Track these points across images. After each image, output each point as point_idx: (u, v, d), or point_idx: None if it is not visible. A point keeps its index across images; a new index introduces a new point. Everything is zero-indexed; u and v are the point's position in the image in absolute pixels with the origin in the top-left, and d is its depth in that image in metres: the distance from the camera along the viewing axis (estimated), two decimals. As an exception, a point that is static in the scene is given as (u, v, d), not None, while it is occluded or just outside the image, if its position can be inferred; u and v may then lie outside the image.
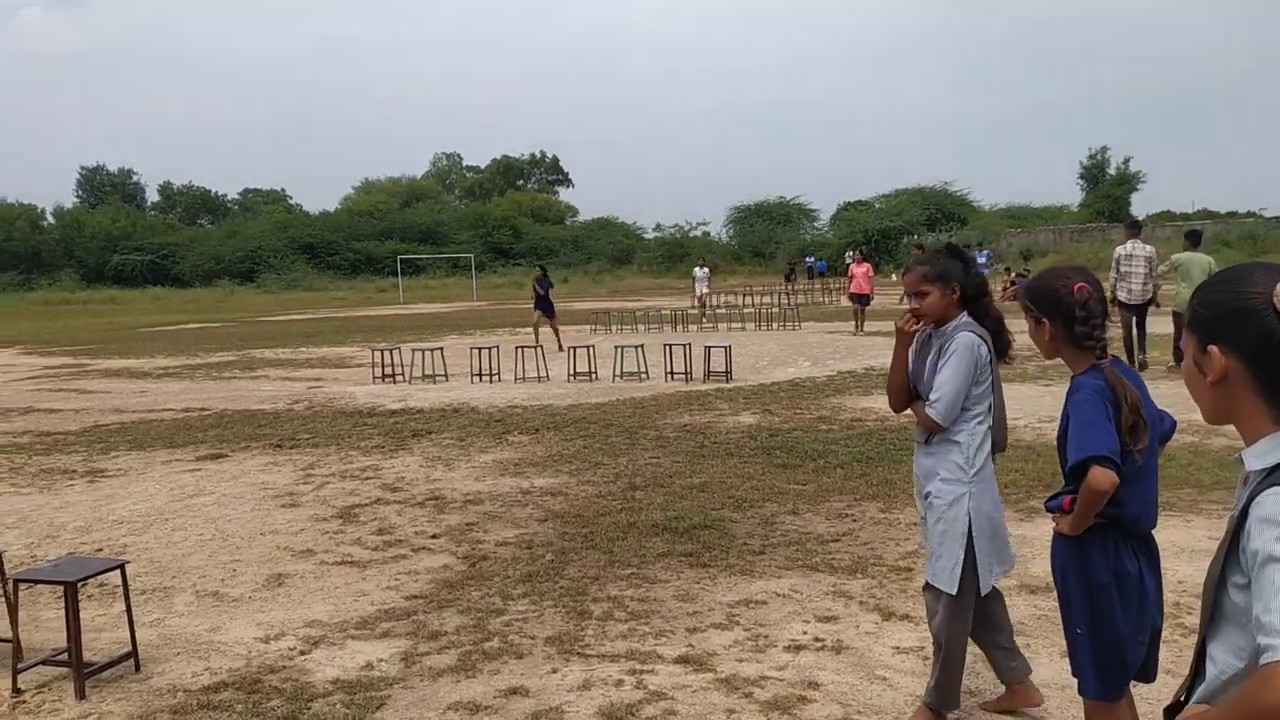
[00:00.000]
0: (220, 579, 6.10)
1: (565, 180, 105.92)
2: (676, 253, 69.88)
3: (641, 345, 16.33)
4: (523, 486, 8.27)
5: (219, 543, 6.92)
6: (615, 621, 5.11)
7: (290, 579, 6.05)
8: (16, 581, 4.71)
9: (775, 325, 25.54)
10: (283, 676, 4.57)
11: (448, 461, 9.43)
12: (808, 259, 57.10)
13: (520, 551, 6.41)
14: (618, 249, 73.02)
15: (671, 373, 15.28)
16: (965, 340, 3.73)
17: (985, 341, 3.76)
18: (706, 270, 31.08)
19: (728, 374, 14.87)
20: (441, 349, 17.52)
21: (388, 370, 16.36)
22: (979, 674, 4.24)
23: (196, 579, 6.12)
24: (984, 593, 3.81)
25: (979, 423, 3.76)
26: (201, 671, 4.68)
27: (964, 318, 3.81)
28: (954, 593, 3.71)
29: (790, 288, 42.94)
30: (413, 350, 17.54)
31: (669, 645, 4.78)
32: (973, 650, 3.95)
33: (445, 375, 16.33)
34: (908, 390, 3.94)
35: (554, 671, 4.52)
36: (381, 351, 16.93)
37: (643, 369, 15.54)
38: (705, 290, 30.01)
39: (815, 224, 76.52)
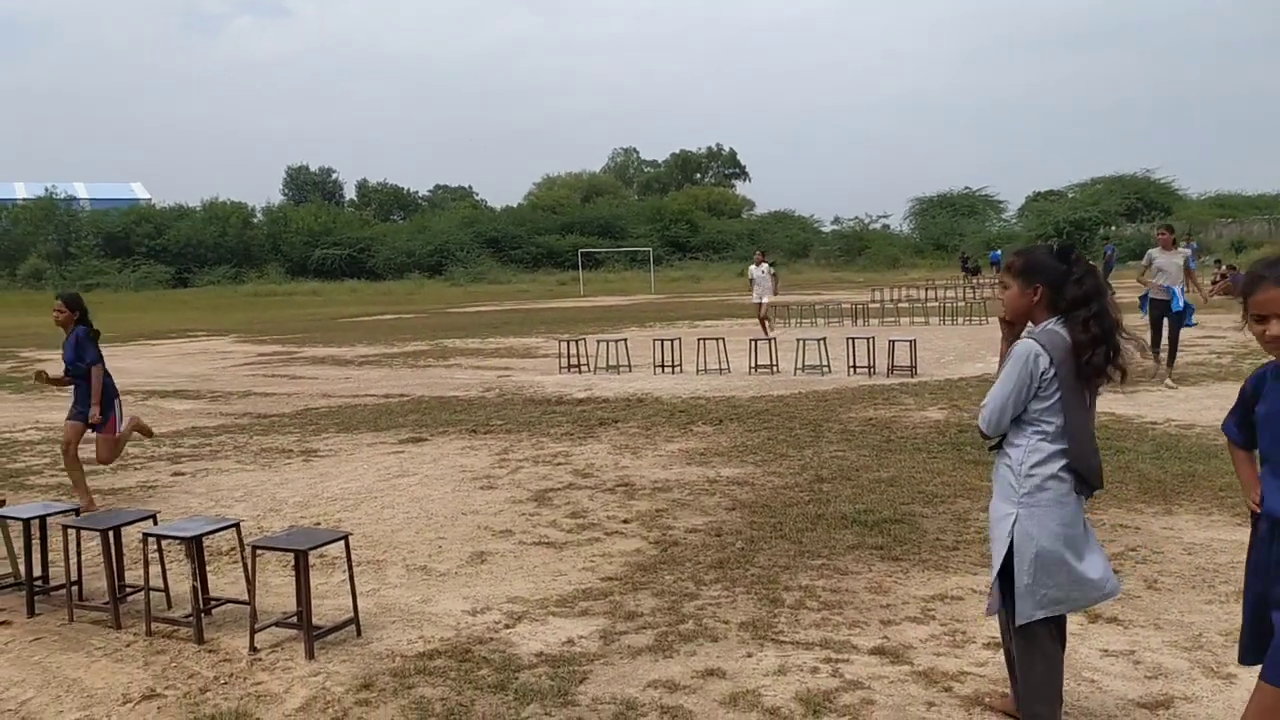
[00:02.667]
0: (428, 554, 6.45)
1: (742, 174, 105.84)
2: (855, 246, 68.76)
3: (823, 338, 16.19)
4: (709, 476, 8.38)
5: (424, 521, 7.31)
6: (808, 610, 5.14)
7: (492, 557, 6.34)
8: (254, 549, 5.12)
9: (960, 320, 24.83)
10: (490, 648, 4.81)
11: (635, 450, 9.64)
12: (992, 253, 55.10)
13: (710, 538, 6.51)
14: (794, 242, 72.40)
15: (854, 366, 15.10)
16: (1021, 348, 3.51)
17: (1048, 353, 3.46)
18: (768, 269, 20.91)
19: (912, 368, 14.58)
20: (625, 340, 17.85)
21: (573, 360, 16.81)
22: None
23: (406, 553, 6.48)
24: (1020, 623, 3.56)
25: (1041, 440, 3.51)
26: (416, 639, 4.97)
27: (1050, 323, 3.55)
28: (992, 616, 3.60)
29: (973, 281, 41.63)
30: (597, 341, 17.96)
31: (863, 636, 4.77)
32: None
33: (629, 366, 16.64)
34: None
35: (749, 656, 4.59)
36: (567, 342, 17.40)
37: (825, 362, 15.42)
38: (766, 299, 20.72)
39: (1002, 216, 73.84)
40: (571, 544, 6.55)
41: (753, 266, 21.20)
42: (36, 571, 5.74)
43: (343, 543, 5.25)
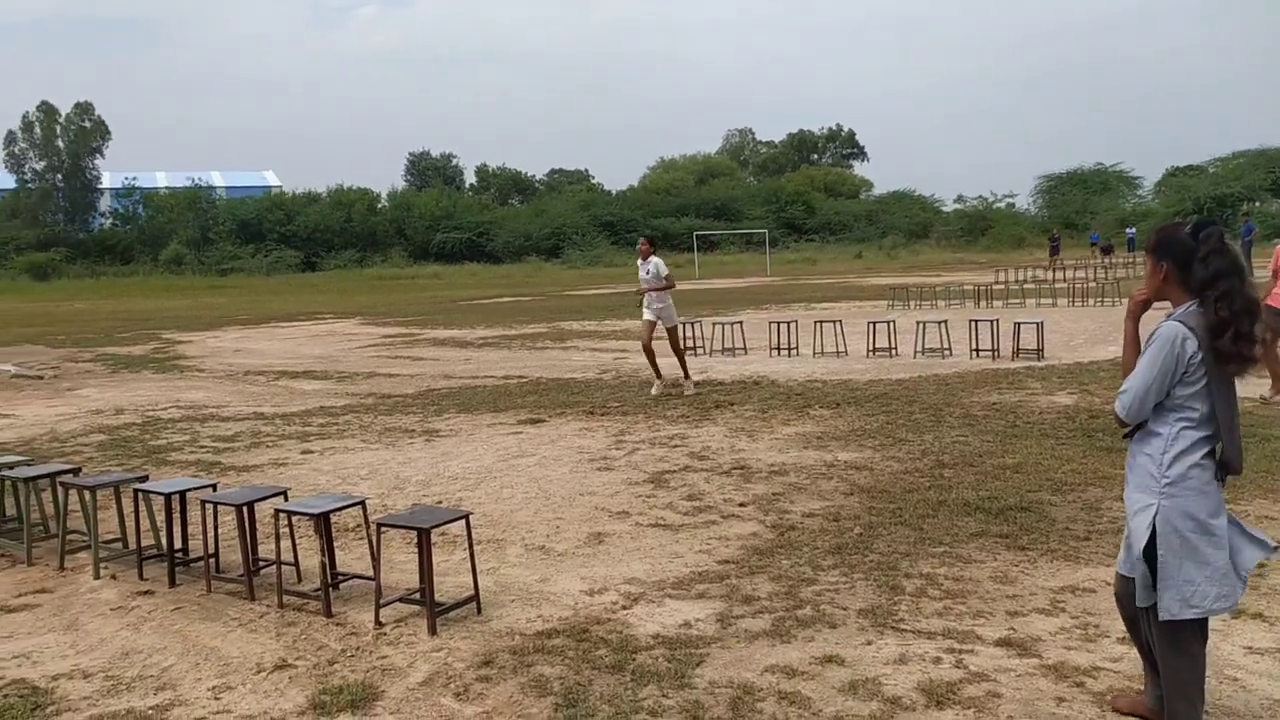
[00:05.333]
0: (546, 534, 6.52)
1: (860, 154, 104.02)
2: (978, 226, 66.92)
3: (944, 321, 15.79)
4: (826, 460, 8.26)
5: (542, 501, 7.40)
6: (929, 599, 5.01)
7: (609, 538, 6.38)
8: (379, 526, 5.26)
9: (1091, 301, 23.93)
10: (608, 628, 4.84)
11: (751, 433, 9.57)
12: (1128, 230, 52.87)
13: (827, 523, 6.42)
14: (914, 223, 70.86)
15: (977, 349, 14.69)
16: (1165, 331, 3.33)
17: (1196, 336, 3.28)
18: (656, 265, 12.43)
19: (1039, 351, 14.10)
20: (740, 323, 17.74)
21: (688, 343, 16.78)
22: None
23: (524, 533, 6.57)
24: (1163, 618, 3.38)
25: (1185, 427, 3.33)
26: (535, 618, 5.04)
27: (1190, 306, 3.35)
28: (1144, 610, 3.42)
29: (1105, 260, 40.10)
30: (712, 324, 17.89)
31: (989, 627, 4.63)
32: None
33: (744, 349, 16.54)
34: None
35: (868, 643, 4.51)
36: (682, 325, 17.36)
37: (946, 345, 15.04)
38: (653, 310, 12.56)
39: (1138, 192, 70.82)
40: (688, 526, 6.54)
41: (639, 262, 12.67)
42: (177, 544, 6.01)
43: (464, 522, 5.35)
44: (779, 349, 16.01)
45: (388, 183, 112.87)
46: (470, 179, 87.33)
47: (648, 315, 12.58)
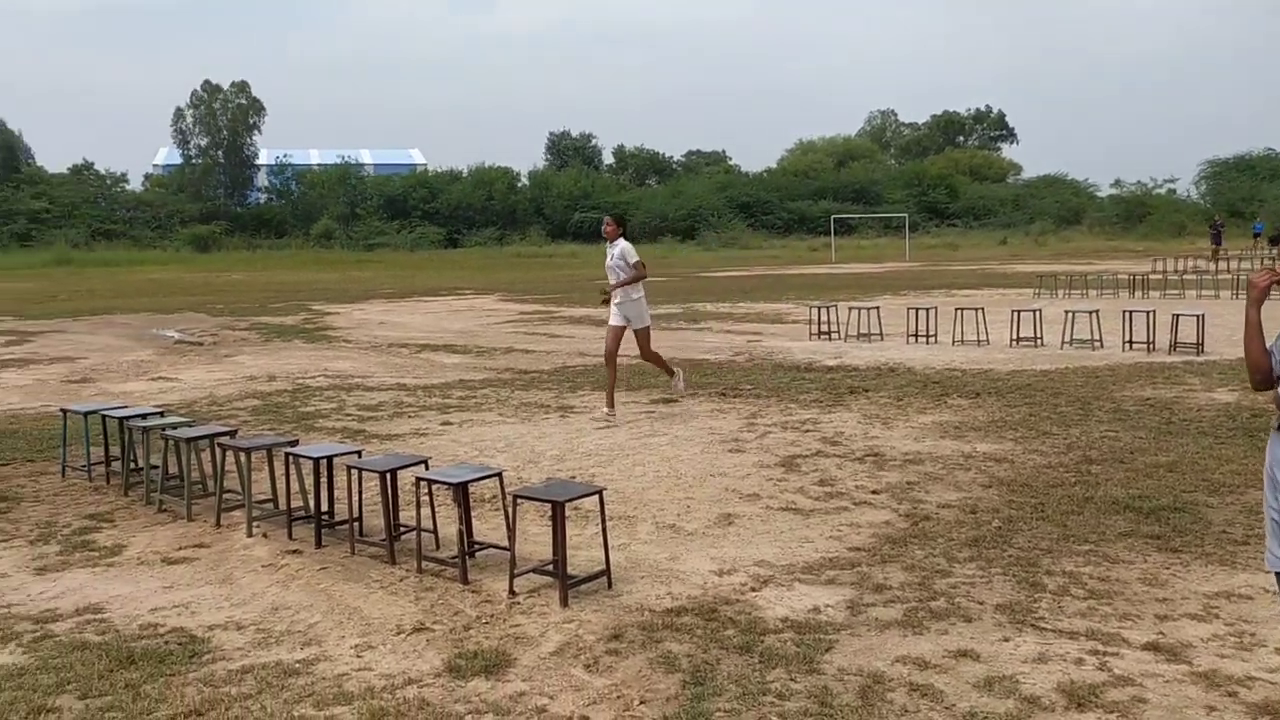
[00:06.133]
0: (676, 513, 6.55)
1: (1009, 136, 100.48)
2: (1136, 212, 63.91)
3: (1095, 311, 15.16)
4: (964, 450, 8.05)
5: (673, 480, 7.43)
6: (1072, 598, 4.84)
7: (739, 519, 6.36)
8: (516, 498, 5.37)
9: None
10: (736, 609, 4.83)
11: (885, 420, 9.40)
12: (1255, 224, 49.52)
13: (964, 515, 6.26)
14: (1065, 209, 68.13)
15: (1130, 341, 14.06)
16: None
17: None
18: (623, 249, 10.25)
19: (1199, 346, 13.41)
20: (878, 308, 17.41)
21: (823, 327, 16.57)
22: None
23: (655, 511, 6.61)
24: None
25: None
26: (664, 595, 5.07)
27: None
28: None
29: (1273, 251, 37.80)
30: (849, 308, 17.62)
31: (1135, 630, 4.44)
32: None
33: (880, 334, 16.24)
34: (1267, 366, 3.33)
35: (1005, 640, 4.38)
36: (817, 309, 17.16)
37: (1096, 336, 14.45)
38: (620, 312, 10.50)
39: (1312, 179, 66.47)
40: (819, 511, 6.48)
41: (607, 246, 10.41)
42: (324, 506, 6.27)
43: (597, 497, 5.42)
44: (916, 336, 15.66)
45: (528, 162, 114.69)
46: (608, 159, 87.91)
47: (615, 318, 10.20)
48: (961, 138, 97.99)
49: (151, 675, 4.21)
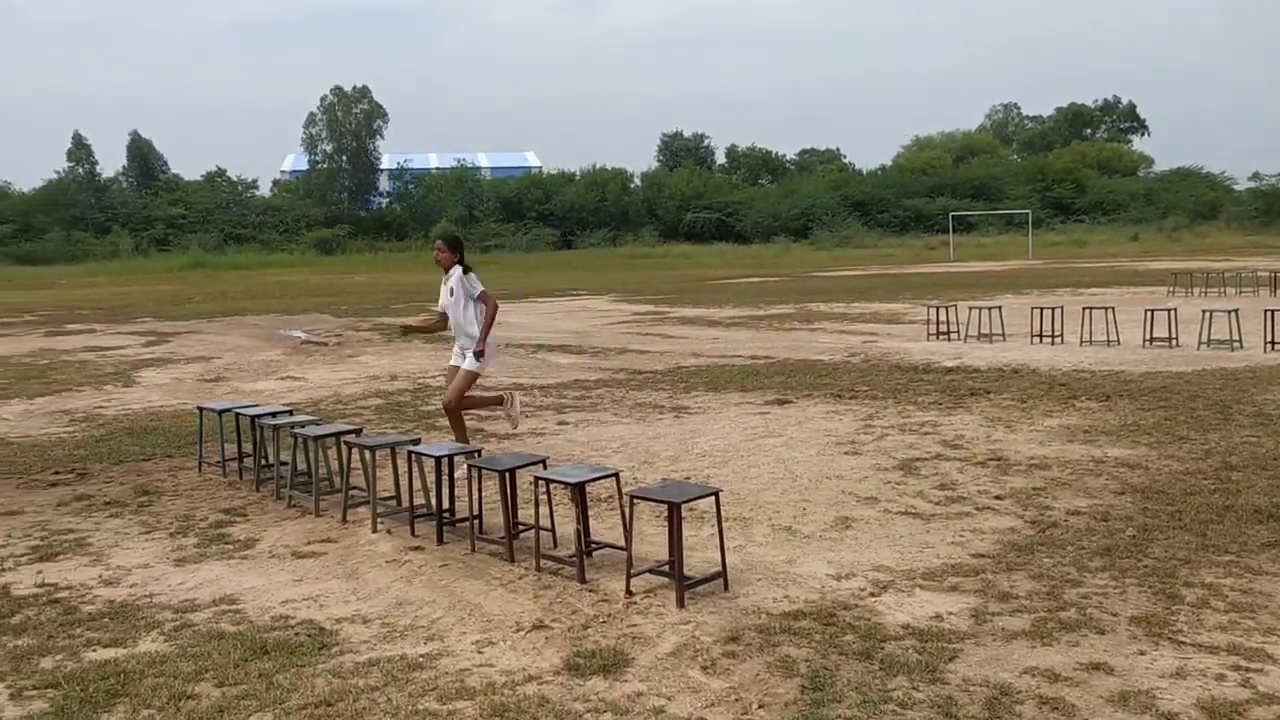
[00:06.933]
0: (792, 516, 6.48)
1: (1140, 127, 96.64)
2: (1276, 206, 60.76)
3: (1235, 310, 14.45)
4: (1094, 455, 7.76)
5: (788, 482, 7.36)
6: (1212, 611, 4.61)
7: (856, 523, 6.26)
8: (632, 498, 5.39)
9: None
10: (855, 614, 4.75)
11: (1009, 423, 9.13)
12: None
13: (1095, 523, 6.03)
14: (1200, 203, 65.18)
15: (1272, 342, 13.37)
16: None
17: None
18: (461, 277, 7.92)
19: (1348, 346, 12.66)
20: (999, 308, 16.94)
21: (941, 327, 16.21)
22: None
23: (771, 513, 6.56)
24: None
25: None
26: (781, 598, 5.02)
27: None
28: None
29: None
30: (969, 308, 17.19)
31: (1282, 647, 4.22)
32: None
33: (1002, 335, 15.80)
34: None
35: (1141, 653, 4.20)
36: (935, 308, 16.80)
37: (1235, 336, 13.78)
38: (467, 357, 7.97)
39: None
40: (939, 516, 6.33)
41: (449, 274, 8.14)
42: (445, 504, 6.40)
43: (713, 499, 5.40)
44: (1041, 336, 15.18)
45: (640, 163, 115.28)
46: (721, 159, 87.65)
47: (456, 356, 8.14)
48: (1089, 130, 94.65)
49: (283, 665, 4.36)
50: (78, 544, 6.35)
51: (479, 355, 7.82)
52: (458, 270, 8.00)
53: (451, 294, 8.00)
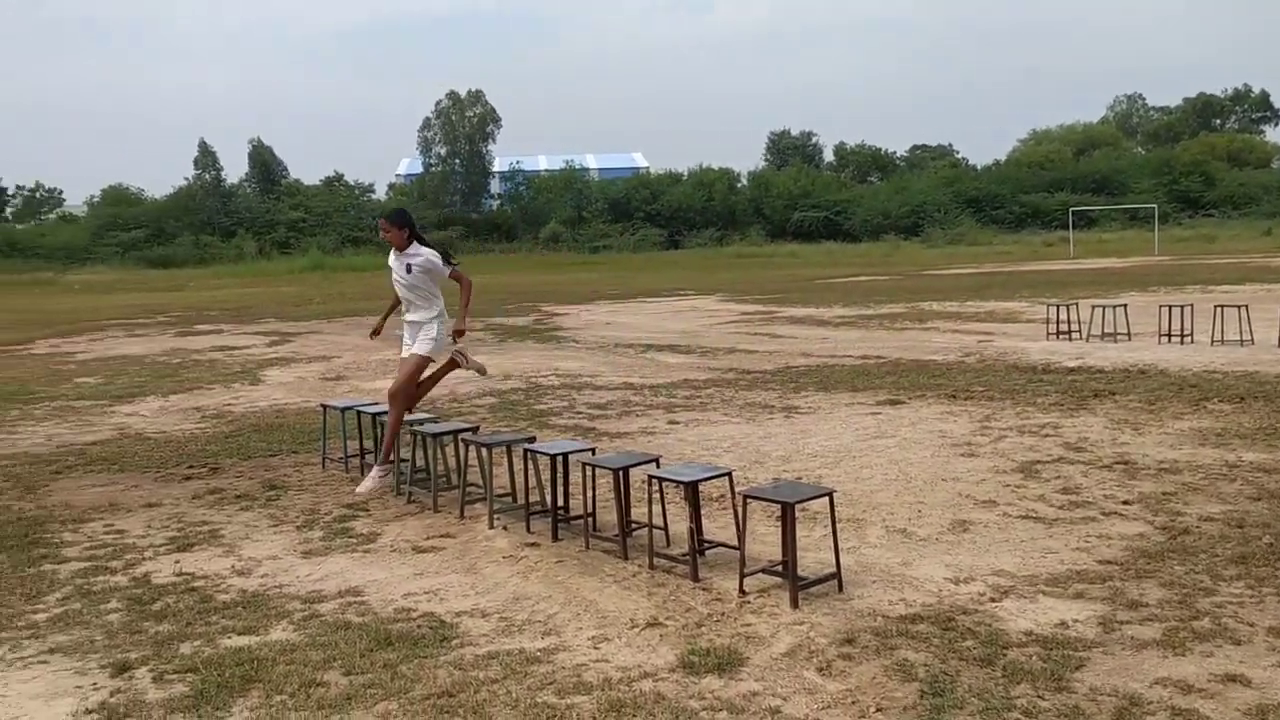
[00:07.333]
0: (907, 518, 6.38)
1: (1274, 117, 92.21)
2: None
3: (1380, 307, 13.67)
4: (1228, 459, 7.44)
5: (902, 484, 7.24)
6: (1360, 625, 4.39)
7: (974, 526, 6.13)
8: (745, 498, 5.38)
9: None
10: (975, 619, 4.66)
11: (1136, 425, 8.82)
12: None
13: (1229, 529, 5.79)
14: (1341, 195, 61.82)
15: None
16: None
17: None
18: (429, 258, 7.66)
19: None
20: (1124, 306, 16.36)
21: (1061, 327, 15.74)
22: None
23: (885, 515, 6.47)
24: None
25: None
26: (897, 601, 4.95)
27: None
28: None
29: None
30: (1091, 306, 16.64)
31: None
32: None
33: (1127, 334, 15.26)
34: None
35: (1281, 667, 4.02)
36: (1055, 307, 16.32)
37: (1381, 335, 13.03)
38: (426, 345, 7.91)
39: None
40: (1063, 521, 6.15)
41: (392, 257, 7.87)
42: (559, 501, 6.49)
43: (826, 499, 5.35)
44: (1169, 335, 14.61)
45: (747, 162, 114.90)
46: (829, 157, 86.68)
47: (413, 346, 7.72)
48: (1218, 121, 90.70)
49: (406, 656, 4.49)
50: (211, 535, 6.64)
51: (409, 333, 7.40)
52: (421, 251, 7.50)
53: (409, 271, 7.47)
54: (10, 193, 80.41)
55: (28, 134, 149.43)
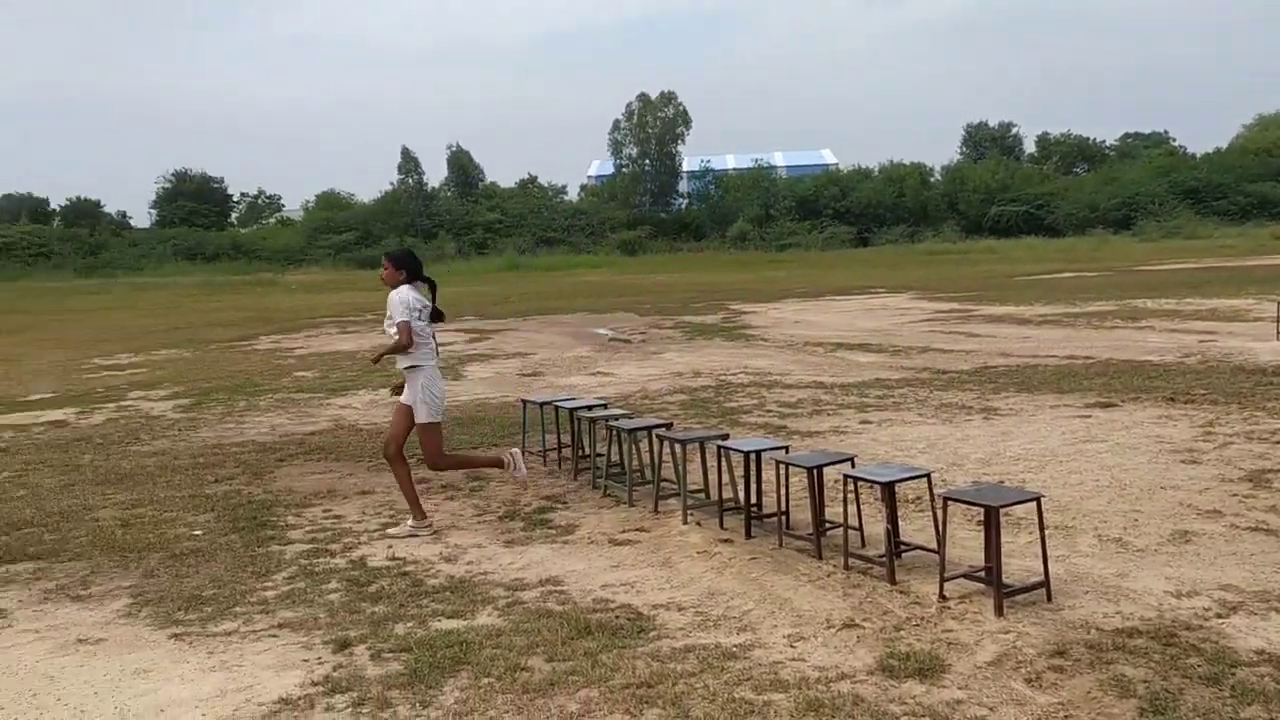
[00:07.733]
0: (1121, 526, 6.06)
1: None
2: None
3: None
4: None
5: (1116, 490, 6.87)
6: None
7: (1197, 537, 5.76)
8: (945, 500, 5.24)
9: None
10: (1199, 635, 4.38)
11: (1382, 433, 8.07)
12: None
13: None
14: None
15: None
16: None
17: None
18: (409, 295, 6.89)
19: None
20: (1366, 303, 14.99)
21: (1293, 325, 14.55)
22: None
23: (1097, 523, 6.16)
24: None
25: None
26: (1112, 614, 4.70)
27: None
28: None
29: None
30: (1327, 303, 15.31)
31: None
32: None
33: (1371, 333, 13.98)
34: None
35: None
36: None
37: None
38: (418, 399, 6.92)
39: None
40: (1299, 535, 5.70)
41: (395, 295, 6.97)
42: (753, 499, 6.49)
43: (1034, 504, 5.15)
44: None
45: (940, 156, 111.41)
46: (1030, 148, 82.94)
47: (409, 401, 6.97)
48: None
49: (606, 646, 4.59)
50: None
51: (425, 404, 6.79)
52: (399, 290, 6.88)
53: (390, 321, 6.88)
54: (236, 199, 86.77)
55: (252, 144, 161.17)
